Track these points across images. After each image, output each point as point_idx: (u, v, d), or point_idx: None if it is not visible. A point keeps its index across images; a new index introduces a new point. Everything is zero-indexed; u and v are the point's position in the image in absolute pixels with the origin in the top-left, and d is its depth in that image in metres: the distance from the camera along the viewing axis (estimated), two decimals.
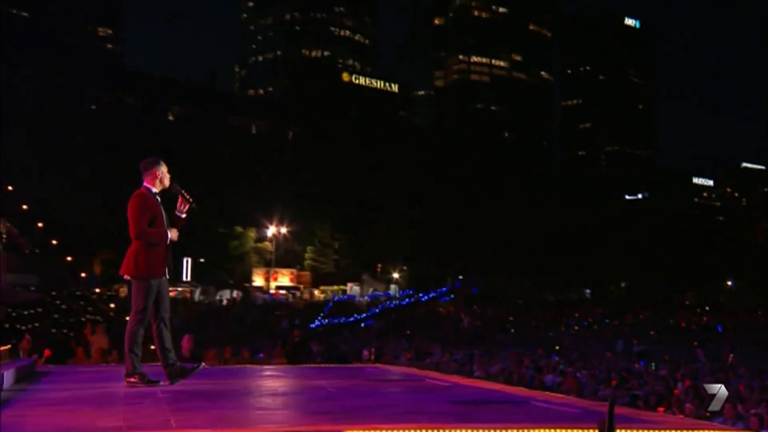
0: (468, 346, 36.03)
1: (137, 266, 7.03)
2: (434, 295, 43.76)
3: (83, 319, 22.81)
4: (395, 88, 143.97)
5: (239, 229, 67.95)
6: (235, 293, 58.57)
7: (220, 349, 21.41)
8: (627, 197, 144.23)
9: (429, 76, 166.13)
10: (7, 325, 18.68)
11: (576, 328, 58.90)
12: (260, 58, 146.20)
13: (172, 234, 7.16)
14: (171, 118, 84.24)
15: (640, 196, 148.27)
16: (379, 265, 75.09)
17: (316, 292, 65.79)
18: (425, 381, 8.08)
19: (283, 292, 62.72)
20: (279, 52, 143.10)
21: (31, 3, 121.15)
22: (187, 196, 7.28)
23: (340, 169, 76.62)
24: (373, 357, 12.85)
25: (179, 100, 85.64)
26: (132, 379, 6.98)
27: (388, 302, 40.05)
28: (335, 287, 67.61)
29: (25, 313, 21.16)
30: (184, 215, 7.28)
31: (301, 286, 66.82)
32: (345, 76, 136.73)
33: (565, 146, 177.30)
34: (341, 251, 74.84)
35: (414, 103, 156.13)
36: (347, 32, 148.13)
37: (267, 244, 67.94)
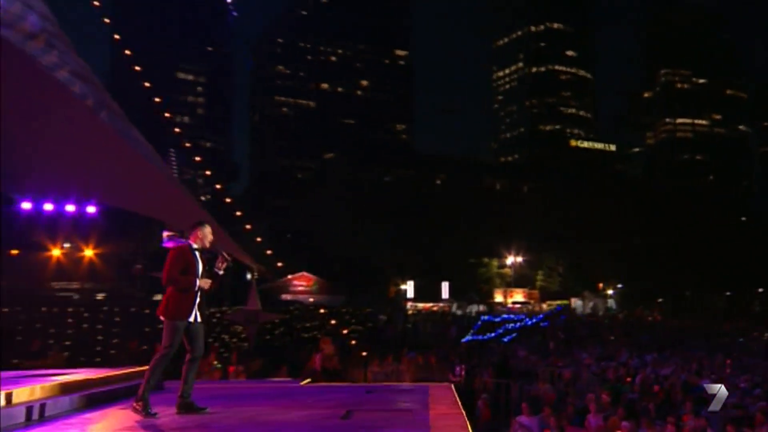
0: (657, 350, 31.16)
1: (167, 308, 6.04)
2: (536, 320, 38.52)
3: (304, 334, 21.77)
4: (612, 147, 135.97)
5: (486, 259, 66.38)
6: (481, 307, 56.65)
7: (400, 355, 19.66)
8: None
9: (641, 137, 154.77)
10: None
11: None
12: (508, 135, 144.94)
13: (203, 283, 6.09)
14: (438, 182, 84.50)
15: None
16: (600, 284, 69.86)
17: (544, 306, 62.28)
18: (406, 414, 5.70)
19: (518, 306, 60.12)
20: (522, 129, 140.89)
21: (354, 112, 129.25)
22: (226, 256, 6.32)
23: (564, 211, 72.11)
24: (463, 374, 10.56)
25: (445, 169, 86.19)
26: (137, 405, 5.92)
27: (510, 324, 35.92)
28: (559, 302, 63.71)
29: (276, 332, 20.64)
30: (221, 272, 6.28)
31: (532, 301, 63.66)
32: (572, 142, 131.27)
33: (764, 186, 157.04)
34: (565, 274, 70.23)
35: (629, 159, 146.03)
36: (573, 110, 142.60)
37: (507, 270, 65.75)
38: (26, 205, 15.29)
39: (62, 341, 14.90)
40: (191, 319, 6.04)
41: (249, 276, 18.86)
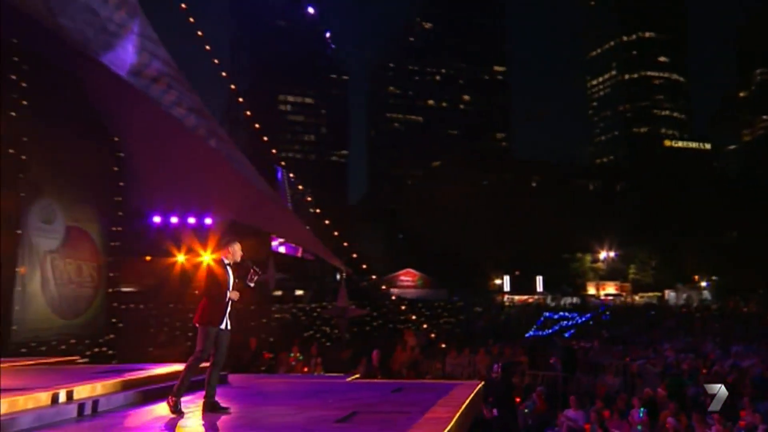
0: (746, 342, 28.26)
1: (201, 316, 5.98)
2: (585, 319, 34.82)
3: (399, 326, 21.35)
4: (707, 146, 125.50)
5: (579, 254, 63.32)
6: (574, 299, 54.15)
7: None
8: None
9: (738, 134, 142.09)
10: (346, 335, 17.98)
11: None
12: (603, 138, 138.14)
13: (233, 295, 6.04)
14: (534, 185, 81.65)
15: None
16: (696, 276, 64.72)
17: (636, 297, 58.57)
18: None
19: (610, 297, 56.86)
20: (616, 132, 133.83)
21: (458, 124, 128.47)
22: (257, 269, 6.25)
23: (657, 207, 67.46)
24: (500, 371, 9.99)
25: (540, 172, 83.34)
26: (170, 400, 5.90)
27: (564, 321, 32.91)
28: (651, 294, 59.64)
29: (374, 324, 20.47)
30: (252, 284, 6.20)
31: (624, 294, 59.96)
32: (666, 142, 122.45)
33: None
34: (658, 267, 65.59)
35: (725, 156, 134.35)
36: (666, 112, 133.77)
37: (599, 264, 62.48)
38: (156, 219, 16.44)
39: (186, 333, 15.77)
40: (222, 326, 5.99)
41: (338, 276, 19.13)
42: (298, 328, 18.33)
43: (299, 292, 27.65)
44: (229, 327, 6.08)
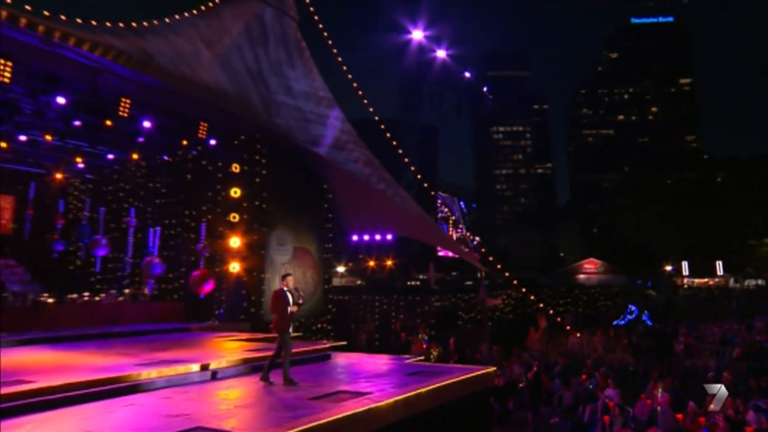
0: None
1: (276, 326, 6.70)
2: (636, 313, 23.33)
3: (531, 310, 19.02)
4: None
5: (766, 240, 48.82)
6: (758, 281, 41.85)
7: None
8: None
9: None
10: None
11: None
12: None
13: (292, 308, 6.68)
14: (719, 179, 65.59)
15: None
16: None
17: None
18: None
19: None
20: None
21: (647, 133, 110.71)
22: (302, 294, 6.96)
23: None
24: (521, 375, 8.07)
25: (725, 168, 66.54)
26: (284, 376, 6.56)
27: (629, 315, 22.89)
28: None
29: (534, 307, 18.69)
30: (301, 301, 6.83)
31: None
32: None
33: None
34: None
35: None
36: None
37: None
38: (354, 237, 17.81)
39: (374, 315, 16.68)
40: (290, 330, 6.64)
41: (479, 275, 18.18)
42: (453, 314, 17.94)
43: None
44: (291, 330, 6.68)
